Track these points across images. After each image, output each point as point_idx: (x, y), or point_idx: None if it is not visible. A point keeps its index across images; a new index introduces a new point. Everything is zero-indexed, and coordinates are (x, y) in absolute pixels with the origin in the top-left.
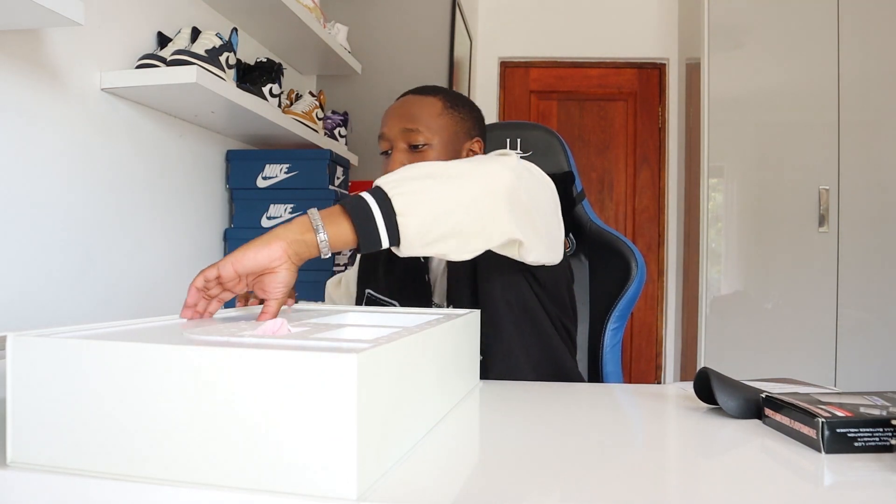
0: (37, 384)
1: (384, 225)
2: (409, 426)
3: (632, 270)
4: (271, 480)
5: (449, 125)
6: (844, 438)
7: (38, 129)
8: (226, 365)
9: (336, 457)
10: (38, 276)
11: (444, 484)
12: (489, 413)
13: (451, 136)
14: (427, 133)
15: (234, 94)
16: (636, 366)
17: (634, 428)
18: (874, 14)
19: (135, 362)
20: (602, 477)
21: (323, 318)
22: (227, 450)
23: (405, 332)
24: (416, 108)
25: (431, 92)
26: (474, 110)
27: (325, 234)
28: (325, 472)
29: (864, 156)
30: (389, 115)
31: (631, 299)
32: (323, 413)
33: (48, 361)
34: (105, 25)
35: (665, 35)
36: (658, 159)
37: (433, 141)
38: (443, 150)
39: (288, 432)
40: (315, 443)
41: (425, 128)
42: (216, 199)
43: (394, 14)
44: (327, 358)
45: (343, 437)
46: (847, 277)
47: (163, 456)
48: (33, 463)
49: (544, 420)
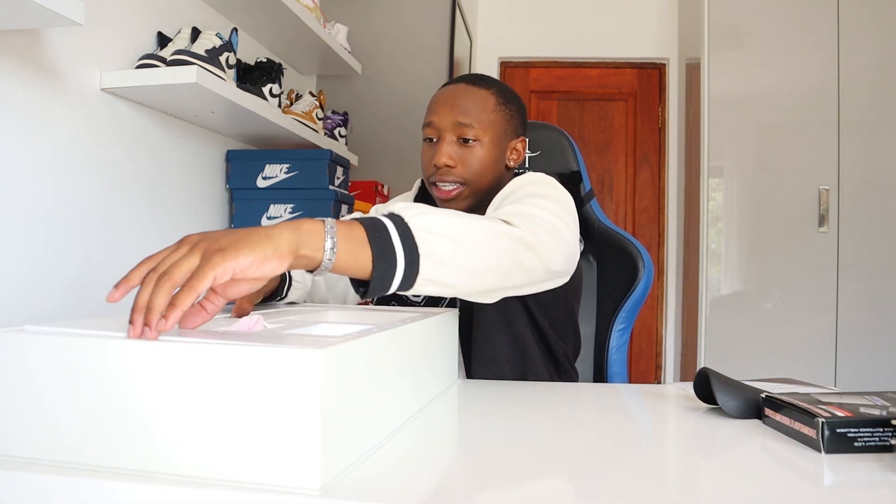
0: (13, 380)
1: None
2: (377, 421)
3: (639, 271)
4: (236, 473)
5: (500, 122)
6: (844, 438)
7: (38, 129)
8: (194, 360)
9: (300, 450)
10: (37, 276)
11: (411, 478)
12: (467, 411)
13: (500, 133)
14: (479, 128)
15: (234, 94)
16: (636, 366)
17: (634, 428)
18: (874, 14)
19: (105, 358)
20: (602, 477)
21: (300, 316)
22: (195, 443)
23: (375, 329)
24: (470, 101)
25: (485, 84)
26: (522, 107)
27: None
28: (289, 464)
29: (864, 156)
30: (440, 103)
31: (638, 300)
32: (288, 407)
33: (23, 358)
34: (105, 25)
35: (665, 35)
36: (658, 159)
37: (484, 138)
38: (491, 147)
39: (254, 426)
40: (280, 436)
41: (478, 123)
42: (216, 199)
43: (394, 14)
44: (292, 353)
45: (307, 431)
46: (847, 277)
47: (132, 449)
48: (11, 456)
49: (535, 419)
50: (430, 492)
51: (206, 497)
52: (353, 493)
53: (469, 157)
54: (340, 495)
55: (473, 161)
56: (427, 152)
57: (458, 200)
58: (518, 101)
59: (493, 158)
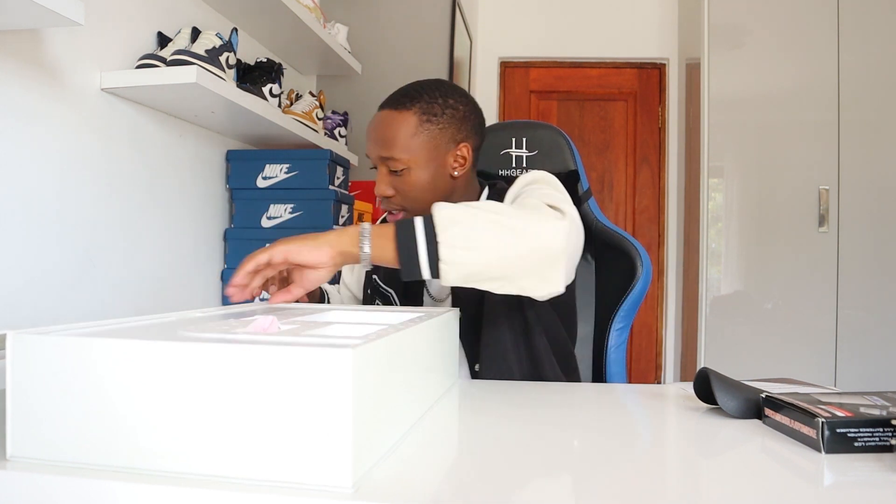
0: (36, 382)
1: (427, 266)
2: (396, 420)
3: (637, 269)
4: (267, 473)
5: (427, 142)
6: (844, 438)
7: (38, 129)
8: (224, 360)
9: (332, 448)
10: (38, 276)
11: (434, 477)
12: (470, 409)
13: (430, 152)
14: (404, 157)
15: (234, 94)
16: (636, 366)
17: (634, 428)
18: (874, 14)
19: (132, 359)
20: (602, 476)
21: (308, 317)
22: (225, 443)
23: (391, 329)
24: (392, 130)
25: (408, 103)
26: (457, 111)
27: (369, 250)
28: (321, 463)
29: (864, 156)
30: (369, 135)
31: (636, 299)
32: (319, 406)
33: (47, 359)
34: (105, 25)
35: (665, 35)
36: (658, 159)
37: (411, 164)
38: (422, 170)
39: (284, 425)
40: (311, 435)
41: (402, 151)
42: (216, 199)
43: (394, 14)
44: (323, 352)
45: (339, 429)
46: (847, 277)
47: (161, 450)
48: (32, 458)
49: (537, 418)
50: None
51: (237, 499)
52: (385, 493)
53: (403, 186)
54: (372, 495)
55: (407, 188)
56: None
57: None
58: (451, 105)
59: (427, 179)
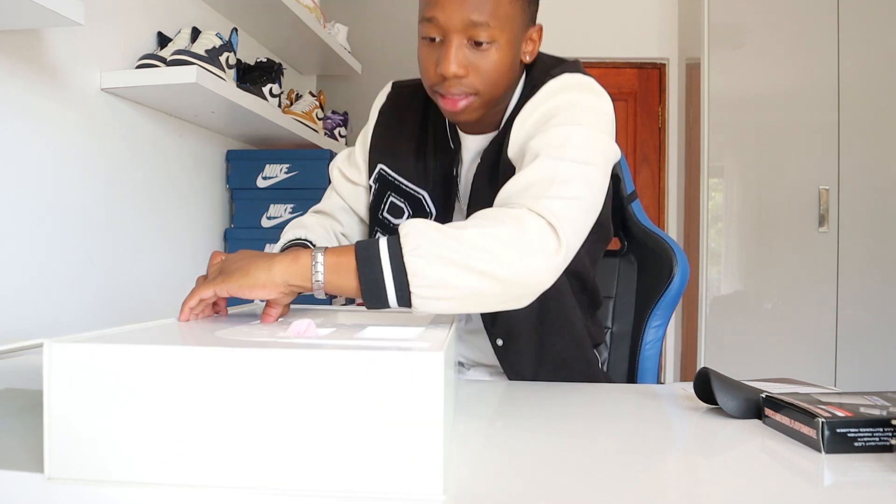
0: (78, 391)
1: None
2: (453, 424)
3: (673, 268)
4: (353, 484)
5: (517, 14)
6: (844, 438)
7: (38, 130)
8: (306, 366)
9: (422, 455)
10: (38, 277)
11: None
12: (470, 409)
13: (518, 27)
14: (495, 27)
15: (234, 94)
16: None
17: (634, 428)
18: (874, 14)
19: (188, 367)
20: (602, 477)
21: (332, 319)
22: (305, 455)
23: (438, 333)
24: None
25: None
26: None
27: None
28: (412, 472)
29: (864, 156)
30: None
31: (674, 297)
32: (409, 411)
33: (88, 368)
34: (105, 25)
35: (665, 35)
36: (658, 159)
37: (500, 38)
38: (509, 48)
39: (370, 432)
40: (400, 442)
41: (494, 20)
42: (216, 199)
43: (394, 14)
44: (415, 356)
45: (430, 434)
46: (847, 277)
47: (244, 464)
48: (74, 476)
49: (542, 420)
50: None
51: None
52: (476, 500)
53: (483, 64)
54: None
55: (489, 68)
56: (429, 55)
57: (467, 112)
58: None
59: (510, 62)
